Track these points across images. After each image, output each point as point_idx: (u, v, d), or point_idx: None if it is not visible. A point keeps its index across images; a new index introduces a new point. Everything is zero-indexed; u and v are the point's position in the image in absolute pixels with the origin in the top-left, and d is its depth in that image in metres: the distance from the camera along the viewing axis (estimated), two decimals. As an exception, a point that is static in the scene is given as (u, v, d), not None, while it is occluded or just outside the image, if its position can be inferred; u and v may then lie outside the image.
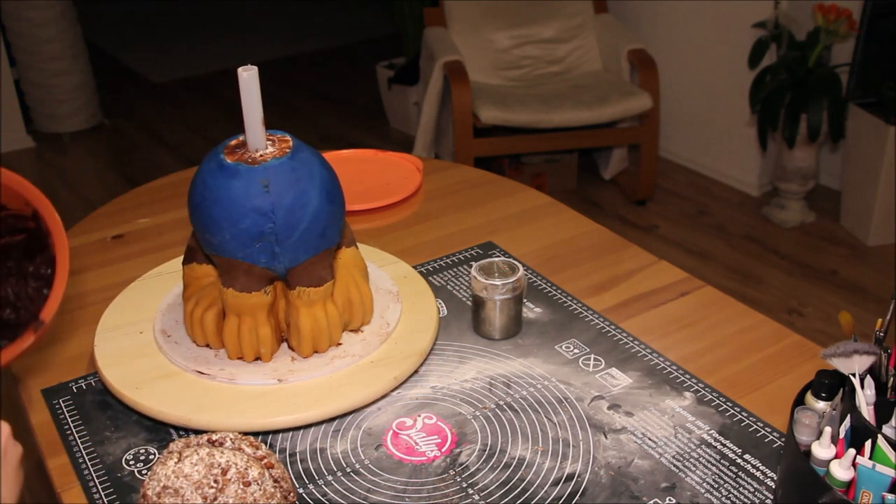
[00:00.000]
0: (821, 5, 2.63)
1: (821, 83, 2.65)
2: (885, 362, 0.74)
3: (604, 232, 1.30)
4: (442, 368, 0.99)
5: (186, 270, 0.99)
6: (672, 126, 3.33)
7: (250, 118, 0.89)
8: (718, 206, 3.08)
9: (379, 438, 0.89)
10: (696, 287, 1.15)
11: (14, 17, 3.62)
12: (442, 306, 1.11)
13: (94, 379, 0.99)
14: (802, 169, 2.84)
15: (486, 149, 2.89)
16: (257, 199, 0.87)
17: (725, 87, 3.10)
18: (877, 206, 2.71)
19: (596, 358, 1.01)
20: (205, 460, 0.71)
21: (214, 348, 0.98)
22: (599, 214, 3.04)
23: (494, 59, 3.12)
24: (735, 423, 0.90)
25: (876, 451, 0.69)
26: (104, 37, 5.17)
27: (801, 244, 2.83)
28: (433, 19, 3.15)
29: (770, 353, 1.01)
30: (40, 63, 3.71)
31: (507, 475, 0.84)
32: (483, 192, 1.42)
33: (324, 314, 0.95)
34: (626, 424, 0.90)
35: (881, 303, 2.50)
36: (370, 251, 1.16)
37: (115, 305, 1.07)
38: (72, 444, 0.90)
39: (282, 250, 0.89)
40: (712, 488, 0.82)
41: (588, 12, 3.16)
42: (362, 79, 4.34)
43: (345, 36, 5.11)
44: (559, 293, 1.13)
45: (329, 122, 3.97)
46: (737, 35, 2.97)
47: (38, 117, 3.86)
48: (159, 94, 4.42)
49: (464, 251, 1.24)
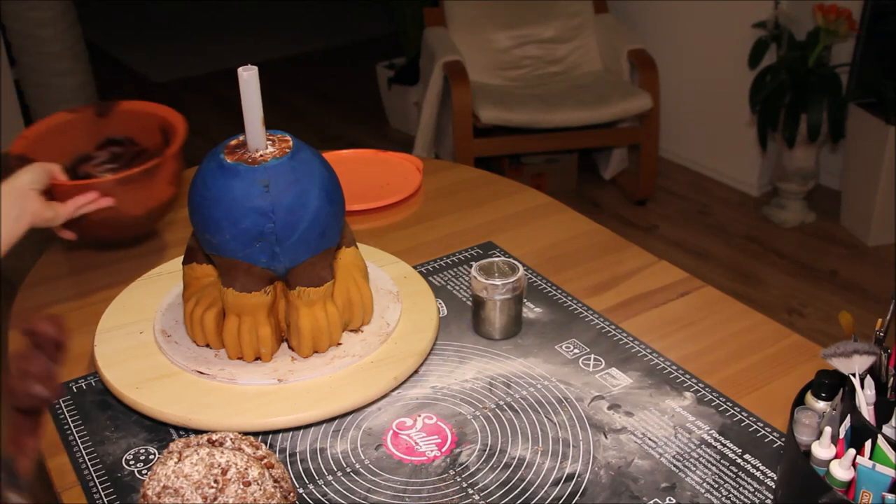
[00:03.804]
0: (821, 5, 2.63)
1: (821, 83, 2.65)
2: (885, 362, 0.74)
3: (604, 232, 1.30)
4: (442, 368, 0.99)
5: (186, 270, 0.99)
6: (672, 126, 3.33)
7: (250, 118, 0.89)
8: (718, 206, 3.08)
9: (379, 438, 0.89)
10: (696, 287, 1.15)
11: (14, 17, 3.62)
12: (442, 306, 1.11)
13: (94, 379, 0.99)
14: (802, 169, 2.84)
15: (486, 149, 2.89)
16: (257, 199, 0.87)
17: (725, 87, 3.09)
18: (877, 206, 2.71)
19: (596, 358, 1.01)
20: (205, 460, 0.71)
21: (214, 348, 0.98)
22: (599, 214, 3.04)
23: (494, 59, 3.12)
24: (735, 423, 0.90)
25: (876, 451, 0.69)
26: (104, 37, 5.17)
27: (801, 244, 2.83)
28: (433, 19, 3.15)
29: (770, 353, 1.01)
30: (40, 63, 3.71)
31: (507, 475, 0.84)
32: (483, 192, 1.42)
33: (324, 314, 0.95)
34: (626, 424, 0.90)
35: (881, 303, 2.50)
36: (370, 251, 1.16)
37: (115, 305, 1.07)
38: (72, 444, 0.90)
39: (282, 250, 0.89)
40: (712, 488, 0.82)
41: (588, 12, 3.15)
42: (362, 79, 4.34)
43: (345, 36, 5.11)
44: (559, 293, 1.13)
45: (329, 122, 3.97)
46: (737, 35, 2.97)
47: (38, 117, 3.86)
48: (159, 94, 4.42)
49: (464, 251, 1.24)
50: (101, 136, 1.26)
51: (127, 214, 1.13)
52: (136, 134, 1.26)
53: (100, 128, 1.27)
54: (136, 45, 5.13)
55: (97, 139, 1.26)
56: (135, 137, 1.26)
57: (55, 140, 1.22)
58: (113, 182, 1.11)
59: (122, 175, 1.11)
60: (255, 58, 4.27)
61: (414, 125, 3.42)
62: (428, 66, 3.01)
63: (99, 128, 1.26)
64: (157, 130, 1.23)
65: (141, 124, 1.25)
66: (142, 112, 1.26)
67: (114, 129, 1.27)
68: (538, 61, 3.15)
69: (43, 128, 1.23)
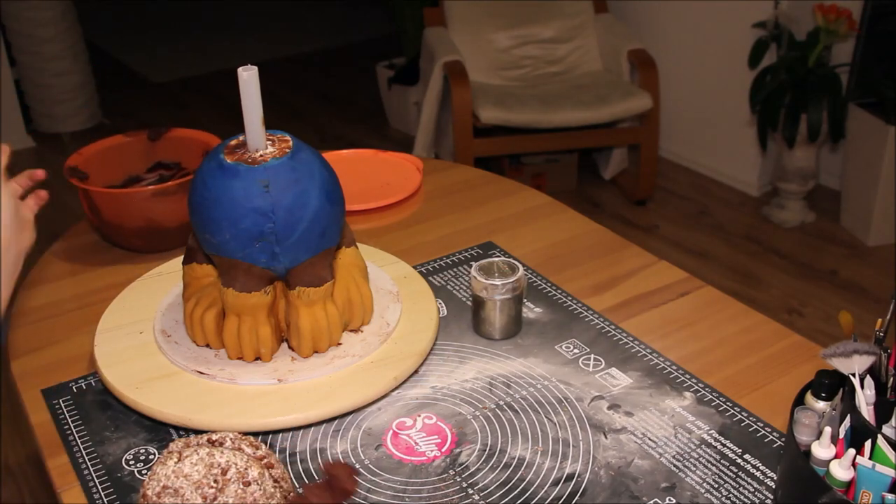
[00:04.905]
0: (821, 5, 2.63)
1: (821, 83, 2.65)
2: (885, 362, 0.74)
3: (604, 232, 1.30)
4: (442, 368, 0.99)
5: (186, 270, 1.00)
6: (672, 126, 3.33)
7: (250, 118, 0.89)
8: (718, 206, 3.08)
9: (379, 438, 0.89)
10: (696, 287, 1.15)
11: (14, 17, 3.62)
12: (442, 306, 1.11)
13: (94, 379, 0.99)
14: (802, 169, 2.84)
15: (486, 149, 2.89)
16: (257, 199, 0.87)
17: (725, 87, 3.10)
18: (877, 206, 2.71)
19: (596, 358, 1.01)
20: (205, 460, 0.71)
21: (214, 348, 0.98)
22: (599, 214, 3.04)
23: (494, 59, 3.12)
24: (735, 423, 0.90)
25: (876, 451, 0.69)
26: (104, 37, 5.17)
27: (801, 244, 2.83)
28: (433, 19, 3.15)
29: (770, 353, 1.01)
30: (40, 63, 3.71)
31: (507, 475, 0.84)
32: (483, 192, 1.42)
33: (324, 314, 0.95)
34: (626, 424, 0.90)
35: (881, 303, 2.50)
36: (370, 251, 1.16)
37: (115, 305, 1.07)
38: (72, 444, 0.90)
39: (282, 250, 0.89)
40: (712, 488, 0.82)
41: (588, 12, 3.16)
42: (362, 79, 4.34)
43: (345, 36, 5.11)
44: (559, 293, 1.13)
45: (329, 122, 3.97)
46: (737, 35, 2.97)
47: (38, 117, 3.86)
48: (159, 94, 4.42)
49: (464, 251, 1.24)
50: (152, 159, 1.36)
51: (161, 226, 1.21)
52: (184, 159, 1.34)
53: (151, 152, 1.35)
54: (136, 45, 5.13)
55: (148, 163, 1.35)
56: (182, 162, 1.35)
57: (109, 160, 1.32)
58: (149, 193, 1.18)
59: (158, 188, 1.18)
60: (255, 58, 4.28)
61: (414, 125, 3.42)
62: (428, 66, 3.01)
63: (150, 152, 1.35)
64: (201, 155, 1.30)
65: (189, 149, 1.34)
66: (189, 138, 1.34)
67: (164, 153, 1.35)
68: (538, 61, 3.15)
69: (98, 147, 1.32)
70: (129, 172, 1.34)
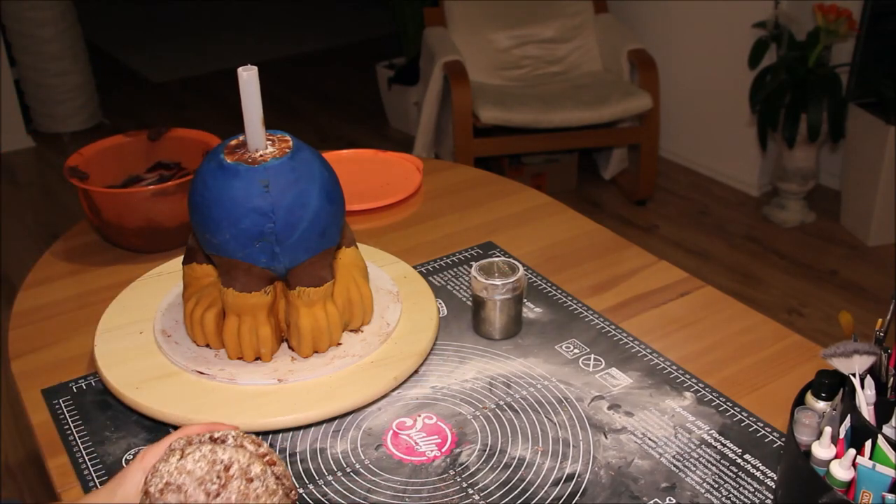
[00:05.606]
0: (821, 5, 2.63)
1: (821, 83, 2.65)
2: (885, 362, 0.74)
3: (604, 232, 1.30)
4: (442, 368, 0.99)
5: (186, 270, 1.00)
6: (672, 126, 3.33)
7: (250, 118, 0.89)
8: (718, 206, 3.08)
9: (379, 438, 0.89)
10: (696, 287, 1.15)
11: (14, 17, 3.62)
12: (442, 306, 1.11)
13: (94, 379, 0.99)
14: (802, 169, 2.84)
15: (486, 149, 2.89)
16: (257, 199, 0.87)
17: (725, 87, 3.10)
18: (877, 206, 2.71)
19: (596, 358, 1.01)
20: (207, 457, 0.71)
21: (214, 348, 0.98)
22: (599, 214, 3.04)
23: (494, 59, 3.12)
24: (735, 423, 0.90)
25: (876, 451, 0.69)
26: (104, 37, 5.17)
27: (801, 244, 2.83)
28: (433, 19, 3.15)
29: (770, 353, 1.01)
30: (40, 63, 3.71)
31: (507, 475, 0.84)
32: (483, 192, 1.42)
33: (324, 314, 0.95)
34: (626, 424, 0.90)
35: (881, 303, 2.50)
36: (370, 251, 1.16)
37: (115, 305, 1.07)
38: (72, 444, 0.90)
39: (282, 250, 0.89)
40: (712, 488, 0.82)
41: (588, 12, 3.15)
42: (362, 79, 4.34)
43: (345, 36, 5.11)
44: (559, 293, 1.13)
45: (329, 122, 3.97)
46: (737, 35, 2.97)
47: (38, 117, 3.86)
48: (159, 94, 4.42)
49: (464, 251, 1.24)
50: (152, 159, 1.36)
51: (161, 226, 1.21)
52: (184, 159, 1.35)
53: (151, 152, 1.36)
54: (136, 45, 5.13)
55: (148, 163, 1.36)
56: (182, 162, 1.35)
57: (109, 160, 1.33)
58: (149, 193, 1.19)
59: (158, 188, 1.19)
60: (255, 58, 4.28)
61: (414, 125, 3.42)
62: (428, 66, 3.01)
63: (150, 152, 1.36)
64: (202, 155, 1.30)
65: (188, 149, 1.34)
66: (189, 138, 1.34)
67: (164, 153, 1.36)
68: (538, 61, 3.15)
69: (98, 147, 1.32)
70: (129, 172, 1.35)
